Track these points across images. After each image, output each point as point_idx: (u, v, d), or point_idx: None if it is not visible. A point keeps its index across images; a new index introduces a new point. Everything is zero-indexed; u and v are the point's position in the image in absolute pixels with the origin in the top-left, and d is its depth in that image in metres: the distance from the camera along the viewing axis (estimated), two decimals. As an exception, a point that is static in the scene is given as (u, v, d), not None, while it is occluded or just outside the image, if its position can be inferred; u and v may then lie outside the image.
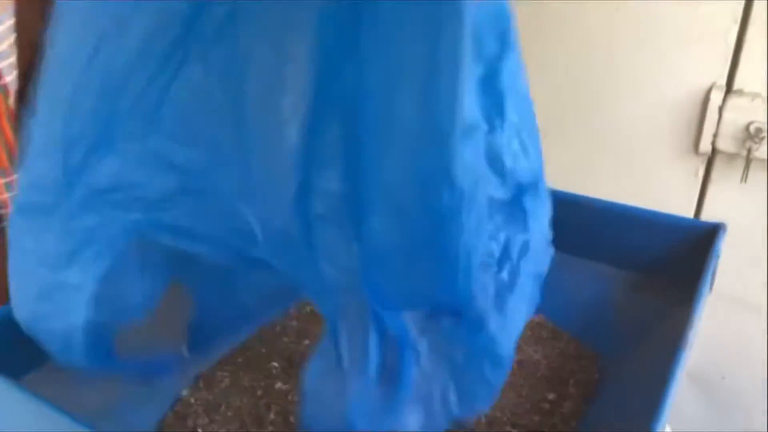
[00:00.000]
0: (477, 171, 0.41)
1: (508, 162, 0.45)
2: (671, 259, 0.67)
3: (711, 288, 0.64)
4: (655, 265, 0.68)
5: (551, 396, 0.66)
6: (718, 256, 0.62)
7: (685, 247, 0.66)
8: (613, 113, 1.24)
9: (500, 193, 0.46)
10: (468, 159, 0.39)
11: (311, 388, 0.46)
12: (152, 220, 0.46)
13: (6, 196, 0.94)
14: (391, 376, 0.44)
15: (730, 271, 0.94)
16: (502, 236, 0.48)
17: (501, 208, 0.46)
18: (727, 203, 1.21)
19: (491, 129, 0.44)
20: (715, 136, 1.19)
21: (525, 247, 0.48)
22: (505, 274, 0.47)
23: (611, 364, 0.69)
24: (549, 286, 0.75)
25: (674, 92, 1.20)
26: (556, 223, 0.72)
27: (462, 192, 0.39)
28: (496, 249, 0.47)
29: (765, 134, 1.14)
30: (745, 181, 1.18)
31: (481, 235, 0.43)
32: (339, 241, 0.42)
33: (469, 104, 0.39)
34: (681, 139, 1.23)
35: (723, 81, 1.16)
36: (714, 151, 1.21)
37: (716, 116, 1.17)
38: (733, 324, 1.24)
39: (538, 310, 0.75)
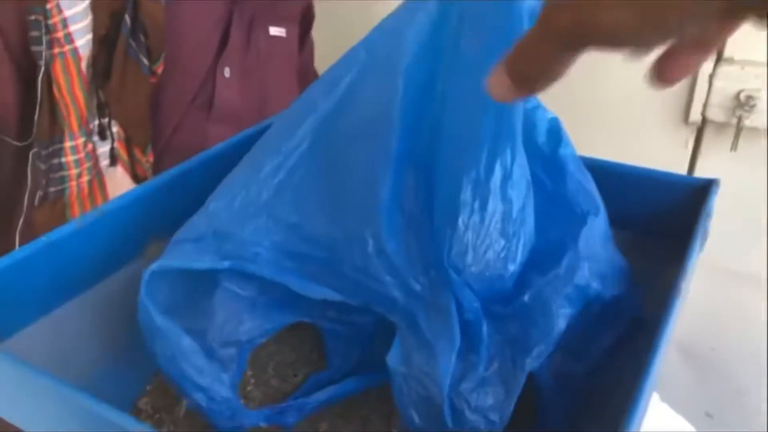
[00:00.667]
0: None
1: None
2: (662, 218, 0.65)
3: (702, 247, 0.62)
4: (645, 224, 0.67)
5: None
6: (710, 214, 0.61)
7: (677, 204, 0.64)
8: (601, 84, 1.22)
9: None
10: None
11: (396, 366, 0.50)
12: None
13: (70, 158, 0.93)
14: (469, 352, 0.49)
15: (721, 238, 0.94)
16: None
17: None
18: (717, 173, 1.20)
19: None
20: (705, 105, 1.18)
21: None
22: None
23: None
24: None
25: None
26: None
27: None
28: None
29: (755, 102, 1.13)
30: (735, 150, 1.17)
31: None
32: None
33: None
34: (670, 109, 1.22)
35: (713, 49, 1.15)
36: (704, 120, 1.20)
37: (706, 85, 1.16)
38: (721, 292, 1.24)
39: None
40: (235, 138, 0.74)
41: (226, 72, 1.01)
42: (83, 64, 0.89)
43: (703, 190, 0.63)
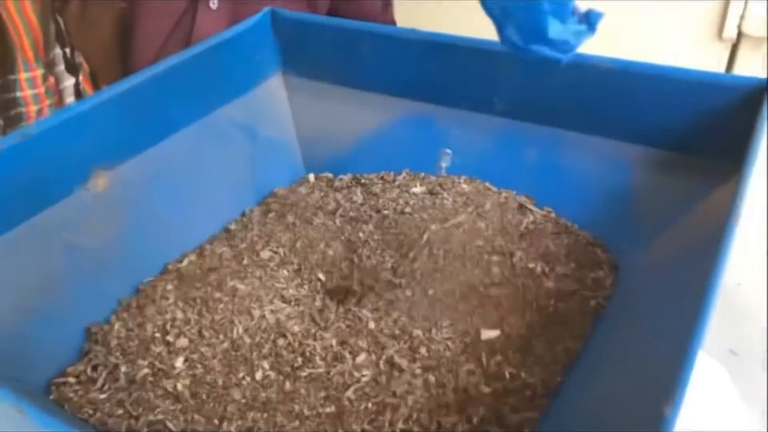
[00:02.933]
0: None
1: None
2: (702, 130, 0.52)
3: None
4: (682, 139, 0.53)
5: (554, 305, 0.53)
6: (765, 123, 0.47)
7: (722, 113, 0.51)
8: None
9: None
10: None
11: None
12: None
13: (27, 93, 0.81)
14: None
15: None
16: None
17: None
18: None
19: None
20: (741, 17, 1.02)
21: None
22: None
23: (631, 265, 0.55)
24: (552, 171, 0.61)
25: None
26: (556, 92, 0.57)
27: None
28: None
29: (798, 12, 0.97)
30: (775, 67, 1.01)
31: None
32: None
33: None
34: (702, 23, 1.06)
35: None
36: (740, 35, 1.04)
37: (744, -5, 1.00)
38: (745, 225, 1.10)
39: (541, 200, 0.62)
40: (193, 49, 0.61)
41: (213, 3, 0.86)
42: None
43: (756, 93, 0.49)
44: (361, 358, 0.50)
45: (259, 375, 0.49)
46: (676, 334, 0.40)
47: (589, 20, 0.44)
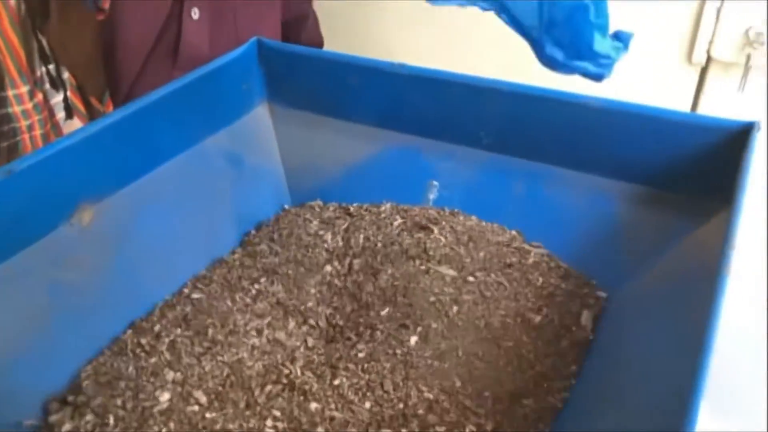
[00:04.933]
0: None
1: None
2: (687, 168, 0.52)
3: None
4: (667, 177, 0.54)
5: (543, 343, 0.52)
6: (750, 163, 0.48)
7: (706, 152, 0.51)
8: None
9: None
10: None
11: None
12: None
13: (17, 108, 0.78)
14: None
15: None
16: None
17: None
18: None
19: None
20: (710, 42, 1.03)
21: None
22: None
23: (618, 300, 0.55)
24: (538, 206, 0.61)
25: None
26: (542, 128, 0.57)
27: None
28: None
29: (765, 39, 0.98)
30: (743, 91, 1.03)
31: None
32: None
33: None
34: (672, 48, 1.07)
35: (721, -18, 1.00)
36: (709, 60, 1.05)
37: (713, 20, 1.01)
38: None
39: (529, 234, 0.62)
40: (179, 81, 0.60)
41: (194, 13, 0.85)
42: (11, 0, 0.74)
43: (741, 134, 0.49)
44: (334, 413, 0.49)
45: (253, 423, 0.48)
46: (667, 376, 0.40)
47: (621, 39, 0.44)
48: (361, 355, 0.52)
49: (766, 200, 1.02)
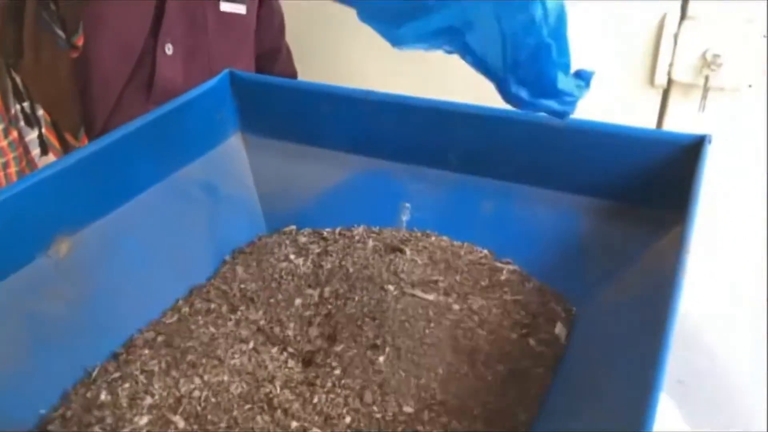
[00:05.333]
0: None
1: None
2: (646, 181, 0.54)
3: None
4: (626, 190, 0.56)
5: (515, 359, 0.54)
6: (703, 174, 0.50)
7: (663, 165, 0.53)
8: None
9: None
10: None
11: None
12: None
13: (4, 143, 0.79)
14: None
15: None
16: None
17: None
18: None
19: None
20: (670, 65, 1.07)
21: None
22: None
23: (586, 312, 0.56)
24: (507, 224, 0.62)
25: (628, 23, 1.07)
26: (504, 148, 0.59)
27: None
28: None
29: (722, 61, 1.02)
30: (703, 111, 1.06)
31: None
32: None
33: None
34: (635, 71, 1.11)
35: (677, 7, 1.04)
36: (670, 82, 1.09)
37: (671, 45, 1.05)
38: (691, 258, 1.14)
39: (499, 252, 0.63)
40: (154, 113, 0.61)
41: (168, 49, 0.87)
42: None
43: (695, 147, 0.52)
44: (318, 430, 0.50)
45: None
46: (631, 380, 0.41)
47: (583, 77, 0.45)
48: (337, 372, 0.53)
49: (765, 203, 1.06)
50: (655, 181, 0.54)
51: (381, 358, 0.54)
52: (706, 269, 1.12)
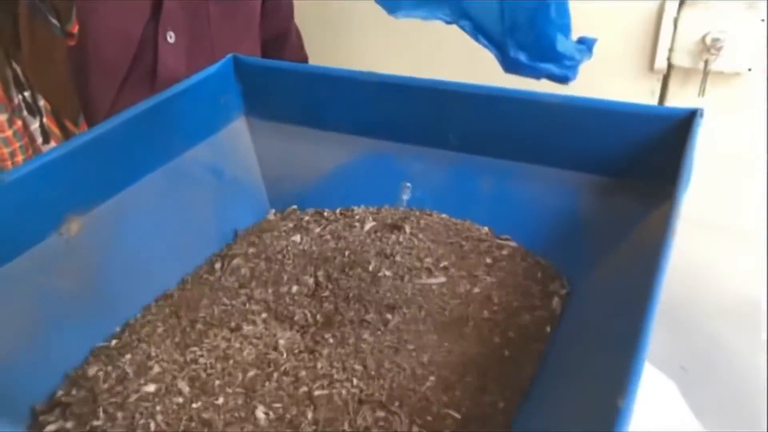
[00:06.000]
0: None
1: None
2: (640, 156, 0.56)
3: (687, 186, 0.53)
4: (622, 165, 0.57)
5: (511, 330, 0.56)
6: (695, 147, 0.52)
7: (657, 140, 0.55)
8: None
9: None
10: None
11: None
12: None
13: (9, 132, 0.81)
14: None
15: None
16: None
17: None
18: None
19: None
20: (670, 50, 1.08)
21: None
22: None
23: (581, 287, 0.58)
24: (506, 201, 0.64)
25: (627, 7, 1.08)
26: (502, 126, 0.61)
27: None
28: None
29: (721, 45, 1.03)
30: (703, 95, 1.08)
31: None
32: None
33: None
34: (635, 56, 1.12)
35: (677, -10, 1.05)
36: (670, 66, 1.10)
37: (671, 29, 1.06)
38: (691, 243, 1.15)
39: (498, 229, 0.65)
40: (159, 96, 0.63)
41: (170, 37, 0.88)
42: None
43: (686, 121, 0.53)
44: (322, 392, 0.51)
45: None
46: (622, 344, 0.43)
47: (585, 43, 0.45)
48: (341, 348, 0.55)
49: (765, 186, 1.07)
50: (650, 156, 0.56)
51: (390, 327, 0.55)
52: (708, 253, 1.13)
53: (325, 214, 0.69)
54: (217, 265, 0.65)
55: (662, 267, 0.39)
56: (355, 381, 0.52)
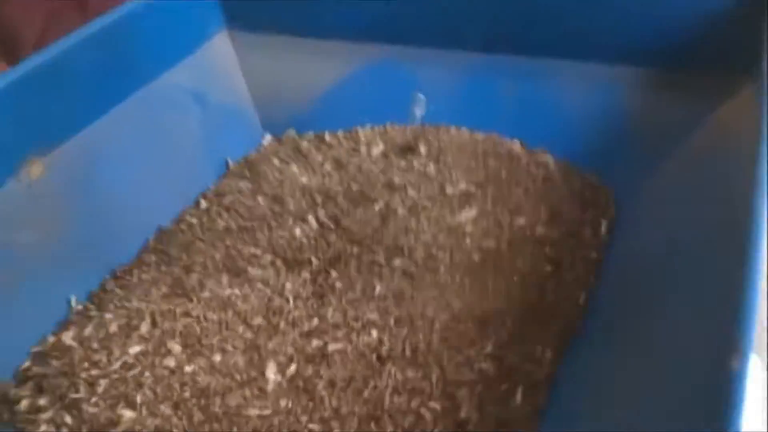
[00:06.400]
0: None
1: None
2: (700, 41, 0.46)
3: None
4: (677, 54, 0.48)
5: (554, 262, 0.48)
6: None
7: (719, 18, 0.45)
8: None
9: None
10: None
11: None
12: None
13: None
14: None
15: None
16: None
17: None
18: None
19: None
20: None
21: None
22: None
23: (632, 202, 0.50)
24: (537, 107, 0.55)
25: None
26: (529, 13, 0.51)
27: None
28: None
29: None
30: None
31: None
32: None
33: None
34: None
35: None
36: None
37: None
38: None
39: (530, 141, 0.56)
40: (118, 10, 0.54)
41: None
42: None
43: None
44: (338, 346, 0.44)
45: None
46: (710, 288, 0.34)
47: None
48: (351, 292, 0.47)
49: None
50: (711, 40, 0.46)
51: (401, 279, 0.48)
52: None
53: (327, 138, 0.61)
54: (208, 204, 0.57)
55: (761, 178, 0.30)
56: (375, 332, 0.44)
